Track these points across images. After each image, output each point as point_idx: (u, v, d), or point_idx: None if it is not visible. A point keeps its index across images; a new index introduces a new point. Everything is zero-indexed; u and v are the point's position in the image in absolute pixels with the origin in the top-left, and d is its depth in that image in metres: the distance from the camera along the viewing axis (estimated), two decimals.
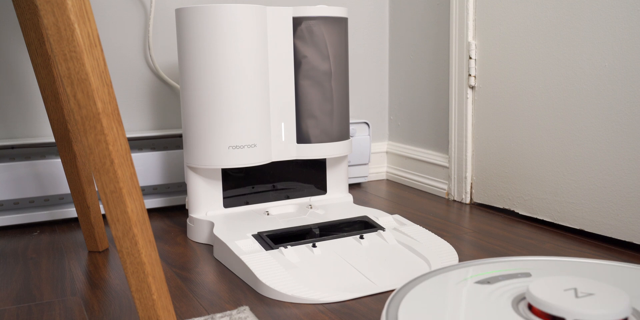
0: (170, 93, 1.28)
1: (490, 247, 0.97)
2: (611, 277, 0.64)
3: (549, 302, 0.52)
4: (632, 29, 0.90)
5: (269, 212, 1.05)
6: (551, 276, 0.59)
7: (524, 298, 0.59)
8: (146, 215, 0.59)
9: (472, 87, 1.21)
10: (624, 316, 0.51)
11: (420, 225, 1.02)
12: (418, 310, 0.57)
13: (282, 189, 1.13)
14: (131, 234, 0.57)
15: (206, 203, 1.04)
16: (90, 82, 0.55)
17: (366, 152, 1.41)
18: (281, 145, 1.06)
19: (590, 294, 0.53)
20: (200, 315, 0.73)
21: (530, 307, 0.55)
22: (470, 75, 1.20)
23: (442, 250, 0.91)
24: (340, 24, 1.07)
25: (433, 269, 0.78)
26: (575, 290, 0.54)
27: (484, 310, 0.56)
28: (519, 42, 1.09)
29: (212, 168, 1.03)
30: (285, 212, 1.07)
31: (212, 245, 1.00)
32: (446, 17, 1.28)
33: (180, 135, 1.23)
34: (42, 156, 1.13)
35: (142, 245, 0.57)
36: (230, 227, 0.97)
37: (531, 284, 0.56)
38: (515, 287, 0.62)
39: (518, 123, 1.11)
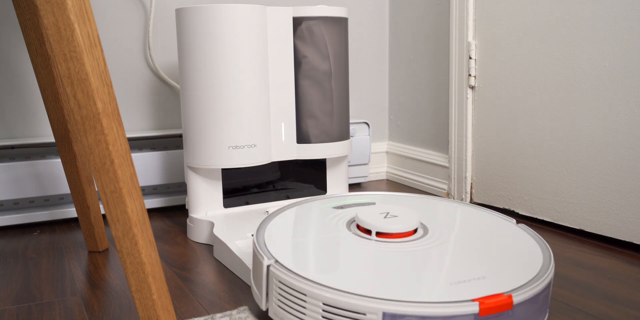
0: (170, 93, 1.28)
1: None
2: (421, 206, 0.87)
3: (364, 219, 0.75)
4: (632, 29, 0.90)
5: (269, 212, 1.05)
6: (377, 205, 0.81)
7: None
8: (146, 215, 0.59)
9: (472, 87, 1.21)
10: (412, 228, 0.74)
11: None
12: (280, 223, 0.79)
13: (282, 189, 1.13)
14: (131, 234, 0.57)
15: (206, 203, 1.04)
16: (90, 82, 0.55)
17: (366, 152, 1.41)
18: (281, 145, 1.06)
19: (395, 216, 0.76)
20: (200, 315, 0.73)
21: (358, 226, 0.77)
22: (470, 75, 1.20)
23: None
24: (340, 24, 1.07)
25: None
26: (387, 213, 0.77)
27: (326, 225, 0.78)
28: (519, 42, 1.09)
29: (212, 168, 1.03)
30: None
31: (212, 245, 1.00)
32: (446, 17, 1.28)
33: (180, 135, 1.23)
34: (42, 156, 1.13)
35: (142, 245, 0.57)
36: (230, 227, 0.97)
37: (359, 209, 0.79)
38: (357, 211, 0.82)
39: (518, 123, 1.11)
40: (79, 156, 0.94)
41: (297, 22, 1.04)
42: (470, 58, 1.20)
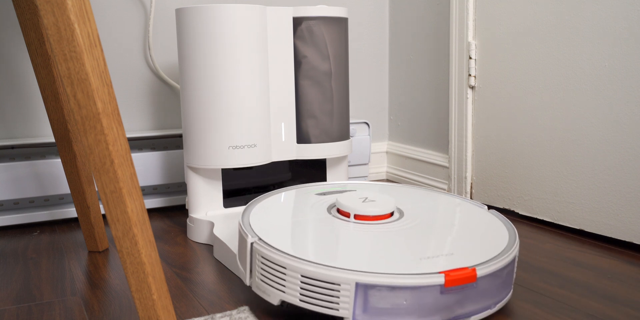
0: (170, 93, 1.28)
1: None
2: (398, 193, 0.92)
3: (344, 203, 0.80)
4: (632, 29, 0.90)
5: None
6: (357, 191, 0.85)
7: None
8: (146, 215, 0.59)
9: (472, 87, 1.21)
10: (388, 212, 0.79)
11: None
12: (265, 207, 0.84)
13: None
14: (131, 234, 0.57)
15: (206, 203, 1.04)
16: (90, 82, 0.55)
17: (366, 152, 1.41)
18: (281, 145, 1.06)
19: (373, 201, 0.81)
20: (200, 315, 0.73)
21: (338, 210, 0.82)
22: (470, 75, 1.20)
23: None
24: (340, 24, 1.07)
25: None
26: (366, 198, 0.82)
27: (308, 209, 0.83)
28: (519, 42, 1.09)
29: (212, 168, 1.03)
30: None
31: (212, 245, 1.00)
32: (446, 17, 1.28)
33: (180, 135, 1.23)
34: (42, 156, 1.13)
35: (142, 245, 0.57)
36: (230, 227, 0.97)
37: (340, 195, 0.84)
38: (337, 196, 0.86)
39: (518, 123, 1.11)
40: (79, 156, 0.94)
41: (297, 22, 1.04)
42: (470, 58, 1.20)
